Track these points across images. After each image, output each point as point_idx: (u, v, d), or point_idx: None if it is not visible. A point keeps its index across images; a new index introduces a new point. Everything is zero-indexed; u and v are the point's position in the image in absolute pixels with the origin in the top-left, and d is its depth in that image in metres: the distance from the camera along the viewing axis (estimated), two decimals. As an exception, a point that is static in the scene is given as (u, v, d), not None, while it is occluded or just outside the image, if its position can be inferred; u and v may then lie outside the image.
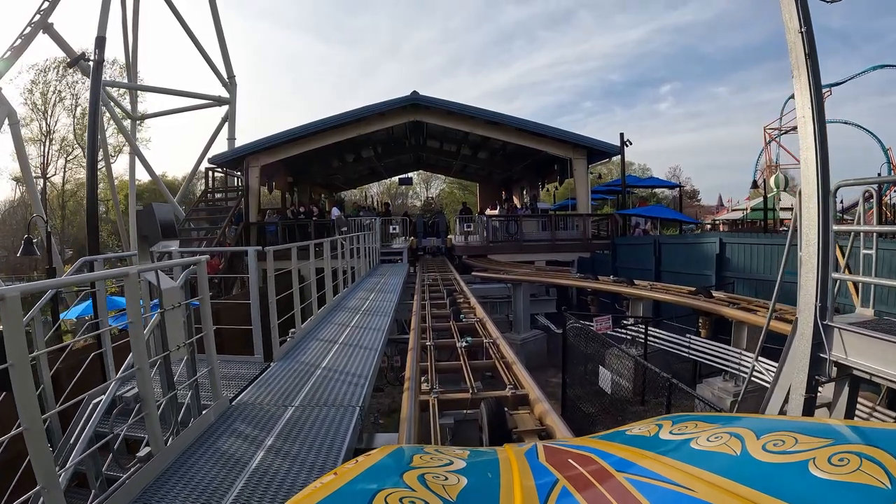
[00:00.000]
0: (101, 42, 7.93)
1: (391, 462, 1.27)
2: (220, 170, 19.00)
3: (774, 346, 8.69)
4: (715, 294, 9.33)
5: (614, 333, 10.56)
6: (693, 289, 9.51)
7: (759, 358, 8.35)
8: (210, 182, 18.99)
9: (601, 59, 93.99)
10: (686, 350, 9.43)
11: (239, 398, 4.14)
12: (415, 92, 16.98)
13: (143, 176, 41.46)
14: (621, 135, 17.53)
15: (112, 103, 28.04)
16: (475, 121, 17.57)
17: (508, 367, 4.42)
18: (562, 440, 2.71)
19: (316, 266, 7.83)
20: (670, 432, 1.27)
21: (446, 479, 1.12)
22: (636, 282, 10.31)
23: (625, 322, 9.60)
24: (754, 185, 20.06)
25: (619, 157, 19.87)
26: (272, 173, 19.98)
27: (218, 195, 18.97)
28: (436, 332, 6.02)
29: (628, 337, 10.26)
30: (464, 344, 4.96)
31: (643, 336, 9.57)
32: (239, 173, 17.85)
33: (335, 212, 16.33)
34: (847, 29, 75.47)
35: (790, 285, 10.97)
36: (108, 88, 28.37)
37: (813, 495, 0.83)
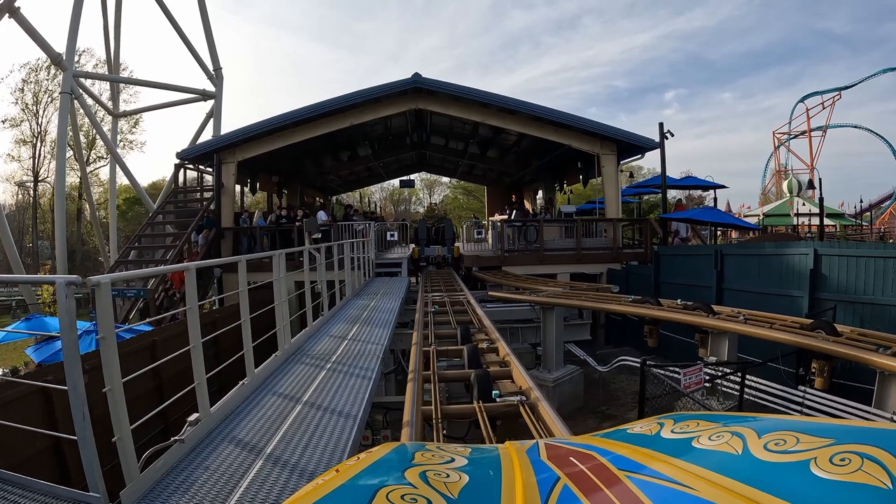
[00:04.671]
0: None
1: (393, 459, 1.24)
2: (191, 166, 16.38)
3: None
4: (839, 328, 6.59)
5: (676, 374, 7.88)
6: (808, 321, 6.77)
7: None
8: (179, 180, 16.32)
9: (607, 66, 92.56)
10: (798, 408, 6.69)
11: None
12: (416, 74, 14.35)
13: (142, 180, 39.18)
14: (660, 125, 14.80)
15: (86, 96, 25.65)
16: (488, 109, 14.90)
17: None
18: (563, 438, 2.56)
19: (297, 280, 5.16)
20: (672, 431, 1.23)
21: (448, 476, 1.09)
22: (716, 308, 7.60)
23: (711, 369, 6.86)
24: (810, 185, 17.27)
25: (647, 154, 17.22)
26: (254, 172, 17.37)
27: (193, 195, 16.35)
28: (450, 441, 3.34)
29: (706, 384, 7.52)
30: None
31: (736, 386, 6.83)
32: (211, 169, 15.23)
33: (321, 216, 13.68)
34: (851, 34, 73.67)
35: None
36: (82, 81, 26.07)
37: (814, 495, 0.81)
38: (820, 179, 16.54)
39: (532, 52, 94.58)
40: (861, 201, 36.24)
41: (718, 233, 23.36)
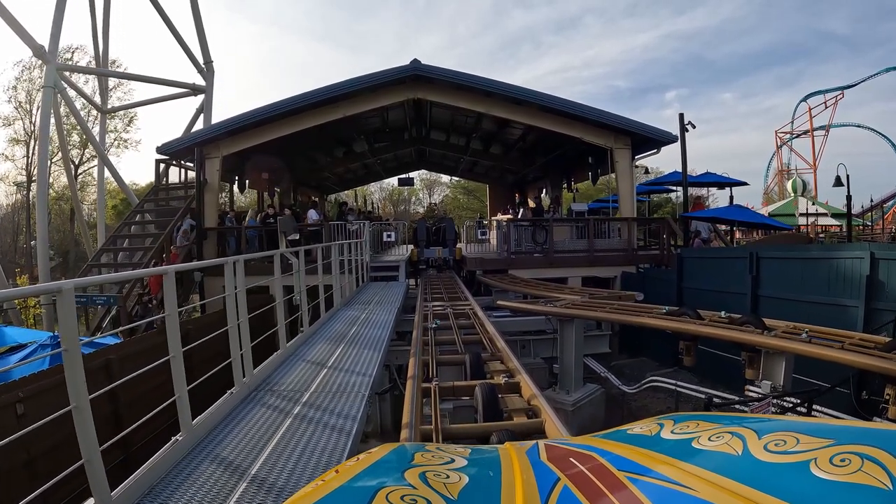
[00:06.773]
0: None
1: (393, 459, 1.21)
2: (174, 162, 15.23)
3: None
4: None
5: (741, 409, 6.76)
6: (884, 339, 5.62)
7: None
8: (161, 178, 15.14)
9: (608, 65, 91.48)
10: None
11: None
12: (415, 60, 13.21)
13: (138, 179, 37.86)
14: (681, 115, 13.64)
15: (69, 89, 24.41)
16: (492, 98, 13.75)
17: None
18: (563, 439, 2.54)
19: (286, 284, 4.02)
20: (672, 431, 1.22)
21: (448, 476, 1.07)
22: (768, 322, 6.47)
23: (779, 400, 5.72)
24: (837, 182, 16.11)
25: (664, 148, 16.06)
26: (243, 168, 16.23)
27: (176, 193, 15.18)
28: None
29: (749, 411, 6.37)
30: None
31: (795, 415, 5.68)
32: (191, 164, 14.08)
33: (311, 215, 12.54)
34: (852, 34, 72.78)
35: None
36: (72, 78, 24.90)
37: (814, 495, 0.80)
38: (848, 176, 15.37)
39: (533, 52, 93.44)
40: (872, 200, 35.25)
41: (724, 231, 22.21)
